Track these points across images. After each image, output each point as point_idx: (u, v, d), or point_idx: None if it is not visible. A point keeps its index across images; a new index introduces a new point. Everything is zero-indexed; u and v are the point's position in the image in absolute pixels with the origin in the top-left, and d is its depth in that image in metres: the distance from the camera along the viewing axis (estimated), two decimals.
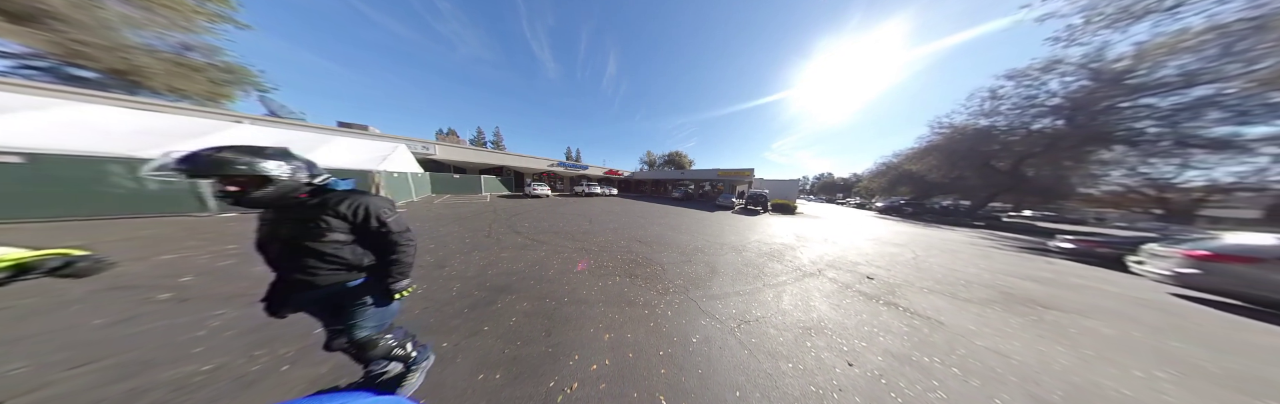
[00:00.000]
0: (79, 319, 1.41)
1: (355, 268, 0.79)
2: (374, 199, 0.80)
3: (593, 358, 1.27)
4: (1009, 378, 1.33)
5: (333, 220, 0.74)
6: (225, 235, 3.07)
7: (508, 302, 1.78)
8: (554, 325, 1.52)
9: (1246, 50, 7.81)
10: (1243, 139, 9.57)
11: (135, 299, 1.62)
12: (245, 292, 1.74)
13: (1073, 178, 12.01)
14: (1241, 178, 10.51)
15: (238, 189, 0.64)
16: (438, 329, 1.43)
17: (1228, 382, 1.45)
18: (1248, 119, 9.25)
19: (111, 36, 9.57)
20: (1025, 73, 12.15)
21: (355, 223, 0.77)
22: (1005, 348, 1.60)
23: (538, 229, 4.35)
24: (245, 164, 0.62)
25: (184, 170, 0.58)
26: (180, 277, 1.94)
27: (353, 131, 10.36)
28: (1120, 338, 1.84)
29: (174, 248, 2.55)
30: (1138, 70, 9.96)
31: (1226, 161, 10.18)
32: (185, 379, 1.04)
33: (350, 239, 0.78)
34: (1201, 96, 9.34)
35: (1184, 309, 2.56)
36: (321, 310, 0.84)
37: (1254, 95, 8.28)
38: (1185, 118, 9.66)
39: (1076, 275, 3.60)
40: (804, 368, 1.29)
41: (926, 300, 2.24)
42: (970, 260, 4.02)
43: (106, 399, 0.95)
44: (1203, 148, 9.87)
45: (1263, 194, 11.23)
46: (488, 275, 2.22)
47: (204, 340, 1.27)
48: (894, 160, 18.38)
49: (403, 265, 0.84)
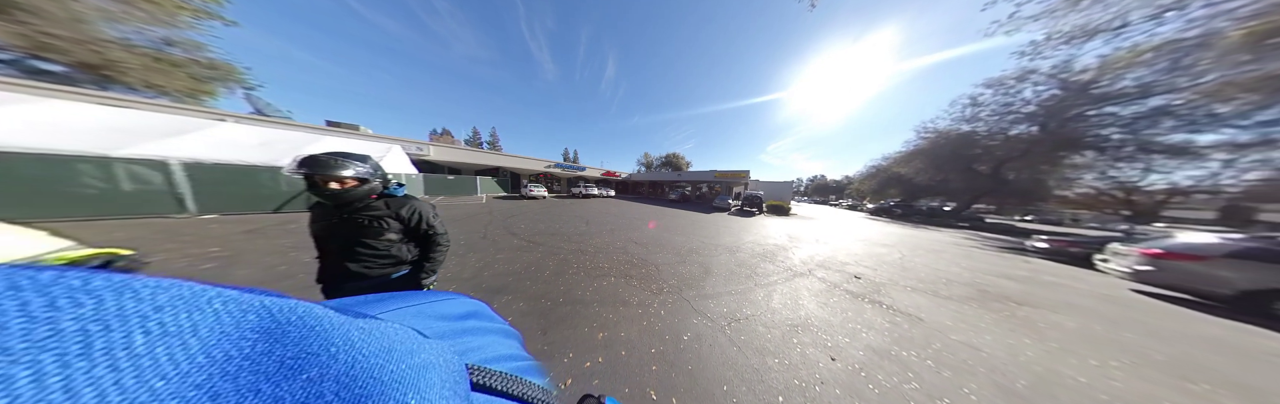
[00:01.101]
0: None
1: (402, 262, 0.91)
2: (424, 205, 0.93)
3: (586, 356, 1.30)
4: (979, 369, 1.42)
5: (392, 221, 0.86)
6: (206, 237, 2.98)
7: (504, 302, 1.80)
8: (550, 325, 1.55)
9: (1192, 65, 8.60)
10: (1196, 146, 10.45)
11: None
12: None
13: (1048, 181, 12.75)
14: (1198, 181, 11.42)
15: (340, 186, 0.75)
16: None
17: (1169, 368, 1.59)
18: (1197, 127, 10.22)
19: (85, 30, 9.15)
20: (1002, 81, 13.17)
21: (409, 225, 0.89)
22: (977, 342, 1.70)
23: (534, 231, 4.35)
24: (355, 167, 0.75)
25: (304, 171, 0.70)
26: None
27: (343, 131, 10.11)
28: (1082, 331, 1.97)
29: (152, 251, 2.46)
30: (1101, 81, 10.80)
31: (1184, 166, 11.11)
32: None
33: (401, 238, 0.89)
34: (1157, 106, 10.31)
35: (1141, 304, 2.74)
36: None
37: (1201, 106, 9.09)
38: (1144, 125, 10.55)
39: (1050, 274, 3.81)
40: (789, 363, 1.35)
41: (909, 298, 2.35)
42: (953, 260, 4.20)
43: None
44: (1161, 153, 10.72)
45: (1216, 197, 12.19)
46: (483, 277, 2.22)
47: None
48: (883, 163, 19.08)
49: (437, 263, 0.97)
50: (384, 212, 0.84)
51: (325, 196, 0.75)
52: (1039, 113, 11.89)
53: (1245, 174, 10.88)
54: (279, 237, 3.19)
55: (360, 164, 0.77)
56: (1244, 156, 10.28)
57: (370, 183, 0.80)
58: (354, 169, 0.75)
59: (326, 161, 0.72)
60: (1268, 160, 10.32)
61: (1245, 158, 10.30)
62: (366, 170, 0.78)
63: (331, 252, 0.86)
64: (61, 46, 8.60)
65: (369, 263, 0.85)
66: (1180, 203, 12.87)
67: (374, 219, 0.83)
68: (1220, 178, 11.01)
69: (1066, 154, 11.55)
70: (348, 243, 0.83)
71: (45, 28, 8.39)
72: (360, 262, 0.84)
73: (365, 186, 0.79)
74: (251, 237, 3.14)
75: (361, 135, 10.37)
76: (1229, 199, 12.58)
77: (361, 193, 0.79)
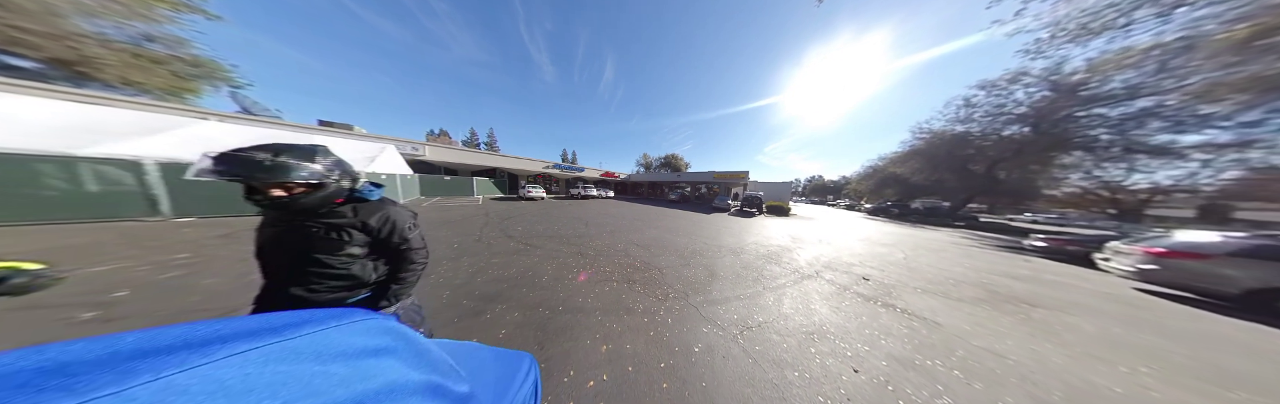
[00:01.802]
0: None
1: (362, 285, 0.70)
2: (402, 212, 0.72)
3: (589, 373, 1.17)
4: (1009, 379, 1.33)
5: (356, 233, 0.65)
6: (175, 243, 2.77)
7: (498, 311, 1.65)
8: (547, 337, 1.42)
9: (1179, 67, 8.94)
10: (1177, 146, 10.91)
11: (49, 319, 1.39)
12: (195, 307, 1.54)
13: (1038, 180, 13.04)
14: (1178, 181, 11.86)
15: (286, 194, 0.56)
16: None
17: (1199, 374, 1.52)
18: (1183, 128, 10.62)
19: (59, 24, 8.74)
20: (995, 83, 13.40)
21: (377, 237, 0.68)
22: (1000, 348, 1.61)
23: (532, 233, 4.20)
24: (302, 167, 0.55)
25: (223, 174, 0.49)
26: (112, 292, 1.70)
27: (335, 131, 9.84)
28: (1101, 334, 1.91)
29: (109, 258, 2.25)
30: (1090, 83, 11.13)
31: (1165, 166, 11.54)
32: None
33: (365, 253, 0.68)
34: (1144, 108, 10.63)
35: (1149, 303, 2.71)
36: None
37: (1186, 107, 9.46)
38: (1131, 126, 10.86)
39: (1052, 272, 3.78)
40: (810, 376, 1.25)
41: (922, 301, 2.26)
42: (955, 260, 4.17)
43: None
44: (1146, 154, 11.08)
45: (1195, 195, 12.70)
46: (477, 283, 2.08)
47: None
48: (880, 163, 19.33)
49: (407, 285, 0.75)
50: (348, 219, 0.64)
51: (268, 207, 0.56)
52: (1030, 114, 12.13)
53: (1222, 173, 11.36)
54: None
55: (308, 161, 0.56)
56: (1222, 156, 10.71)
57: (327, 187, 0.59)
58: (300, 170, 0.54)
59: (255, 161, 0.51)
60: (1243, 160, 10.77)
61: (1223, 158, 10.73)
62: (319, 170, 0.57)
63: (275, 268, 0.65)
64: (33, 41, 8.20)
65: (316, 285, 0.64)
66: (1162, 201, 13.31)
67: (333, 229, 0.63)
68: (1198, 177, 11.49)
69: (1056, 154, 11.82)
70: (295, 258, 0.62)
71: (14, 21, 8.00)
72: (306, 283, 0.63)
73: (322, 192, 0.59)
74: (226, 241, 2.94)
75: (355, 135, 10.11)
76: (1207, 198, 13.08)
77: (318, 200, 0.59)
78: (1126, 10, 4.13)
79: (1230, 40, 4.96)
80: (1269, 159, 10.28)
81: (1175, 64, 8.91)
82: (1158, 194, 12.84)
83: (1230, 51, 5.77)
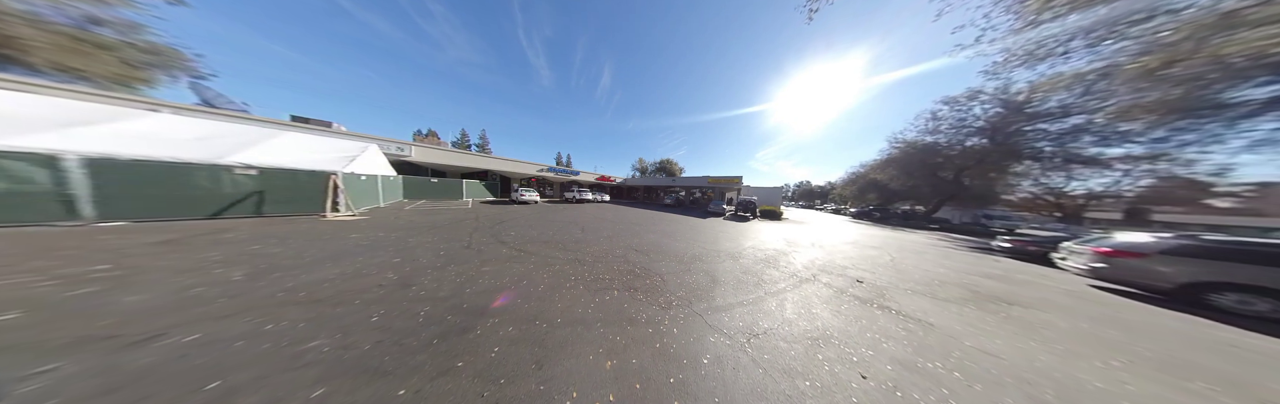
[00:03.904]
0: None
1: None
2: None
3: (594, 393, 1.08)
4: (1005, 379, 1.37)
5: None
6: (94, 252, 2.37)
7: (489, 327, 1.51)
8: (546, 354, 1.30)
9: (1100, 90, 10.53)
10: (1104, 158, 12.68)
11: None
12: (101, 334, 1.27)
13: (997, 187, 14.54)
14: (1107, 187, 13.69)
15: None
16: (393, 370, 1.13)
17: (1162, 366, 1.64)
18: (1107, 142, 12.48)
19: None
20: (956, 99, 15.19)
21: None
22: (991, 347, 1.67)
23: (525, 238, 4.01)
24: None
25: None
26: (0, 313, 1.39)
27: (310, 127, 9.13)
28: (1073, 330, 2.04)
29: (2, 271, 1.88)
30: (1033, 101, 12.75)
31: (1095, 175, 13.35)
32: None
33: None
34: (1076, 124, 12.32)
35: (1105, 299, 2.96)
36: None
37: (1109, 124, 11.10)
38: (1068, 140, 12.56)
39: (1019, 271, 4.08)
40: (821, 385, 1.22)
41: (913, 302, 2.34)
42: (937, 261, 4.41)
43: None
44: (1080, 164, 12.93)
45: (1120, 200, 14.71)
46: (465, 295, 1.91)
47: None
48: (861, 170, 20.92)
49: None
50: None
51: None
52: (987, 127, 13.98)
53: (1139, 181, 13.27)
54: (205, 248, 2.63)
55: None
56: (1137, 167, 12.55)
57: None
58: None
59: None
60: (1153, 170, 12.65)
61: (1138, 168, 12.58)
62: None
63: None
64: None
65: None
66: (1096, 205, 15.13)
67: None
68: (1121, 185, 13.35)
69: (1010, 163, 13.68)
70: None
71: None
72: None
73: None
74: (165, 249, 2.56)
75: (334, 132, 9.41)
76: (1129, 202, 15.07)
77: None
78: (1063, 41, 4.90)
79: (1138, 70, 5.91)
80: (1172, 170, 12.13)
81: (1098, 88, 10.50)
82: (1092, 199, 14.67)
83: (1139, 79, 6.86)
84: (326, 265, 2.33)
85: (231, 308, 1.55)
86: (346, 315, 1.54)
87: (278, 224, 4.00)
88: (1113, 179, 13.17)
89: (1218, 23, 4.53)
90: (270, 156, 4.85)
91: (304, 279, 2.00)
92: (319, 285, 1.91)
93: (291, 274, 2.08)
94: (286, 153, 5.28)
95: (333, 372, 1.11)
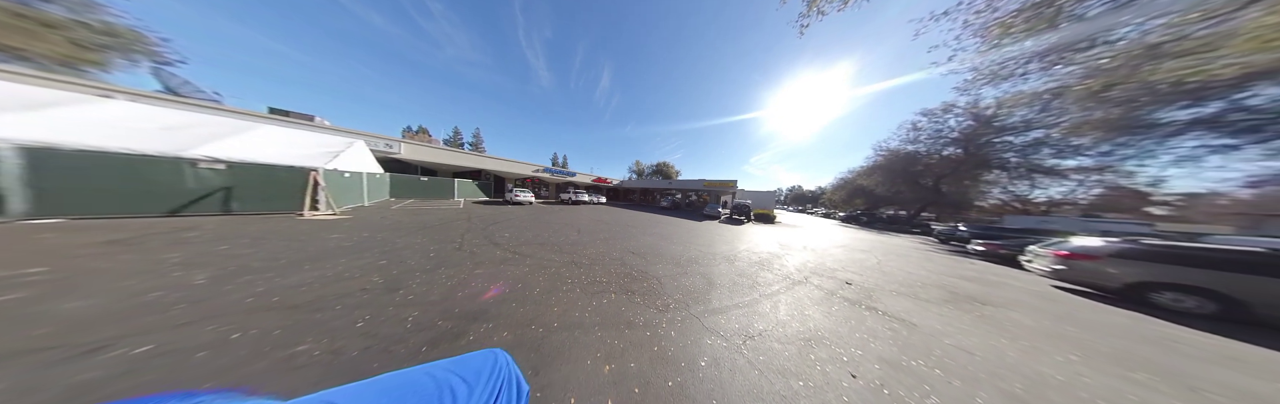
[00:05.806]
0: None
1: None
2: None
3: (593, 399, 1.06)
4: (980, 375, 1.46)
5: None
6: (27, 253, 2.13)
7: (482, 332, 1.47)
8: (542, 360, 1.28)
9: (1055, 108, 11.69)
10: (1061, 168, 14.04)
11: None
12: (33, 346, 1.12)
13: (971, 193, 15.66)
14: (1064, 195, 15.15)
15: None
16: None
17: (1114, 359, 1.80)
18: (1063, 154, 13.91)
19: None
20: (933, 112, 16.46)
21: None
22: (968, 345, 1.78)
23: (520, 240, 3.92)
24: None
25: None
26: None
27: (290, 120, 8.58)
28: (1037, 327, 2.20)
29: None
30: (999, 116, 13.93)
31: (1054, 184, 14.74)
32: None
33: None
34: (1036, 137, 13.62)
35: (1065, 298, 3.21)
36: None
37: (1064, 138, 12.34)
38: (1030, 152, 13.86)
39: (992, 273, 4.37)
40: (814, 385, 1.26)
41: (897, 303, 2.46)
42: (919, 263, 4.66)
43: None
44: (1041, 173, 14.36)
45: (1075, 207, 16.28)
46: (456, 299, 1.84)
47: None
48: (849, 176, 22.22)
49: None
50: None
51: None
52: (961, 138, 15.26)
53: (1090, 190, 14.77)
54: (162, 249, 2.41)
55: None
56: (1088, 178, 14.00)
57: None
58: None
59: None
60: (1102, 180, 14.12)
61: (1089, 178, 14.04)
62: None
63: None
64: None
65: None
66: (1056, 211, 16.56)
67: None
68: (1076, 193, 14.82)
69: (981, 172, 14.89)
70: None
71: None
72: None
73: None
74: (115, 249, 2.33)
75: (316, 126, 8.91)
76: (1082, 209, 16.68)
77: None
78: (1022, 63, 5.45)
79: (1084, 91, 6.64)
80: (1116, 181, 13.72)
81: (1053, 105, 11.63)
82: (1052, 206, 16.11)
83: (1086, 99, 7.67)
84: (304, 268, 2.19)
85: (192, 315, 1.42)
86: (328, 322, 1.45)
87: (250, 223, 3.72)
88: (1069, 188, 14.64)
89: (1145, 53, 5.17)
90: (245, 150, 4.53)
91: (278, 283, 1.87)
92: (295, 289, 1.79)
93: (264, 277, 1.95)
94: (264, 146, 4.94)
95: (312, 383, 1.04)
